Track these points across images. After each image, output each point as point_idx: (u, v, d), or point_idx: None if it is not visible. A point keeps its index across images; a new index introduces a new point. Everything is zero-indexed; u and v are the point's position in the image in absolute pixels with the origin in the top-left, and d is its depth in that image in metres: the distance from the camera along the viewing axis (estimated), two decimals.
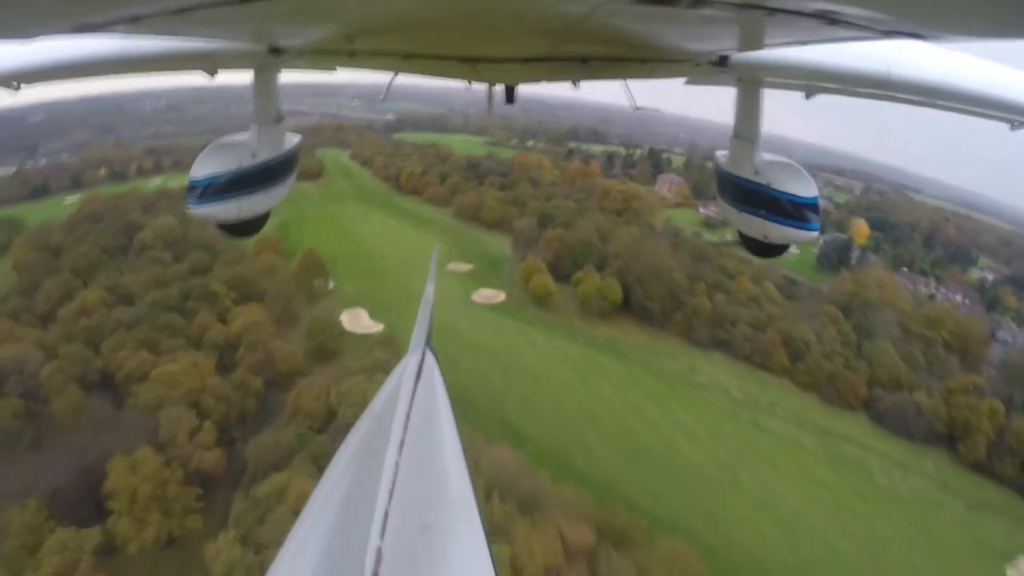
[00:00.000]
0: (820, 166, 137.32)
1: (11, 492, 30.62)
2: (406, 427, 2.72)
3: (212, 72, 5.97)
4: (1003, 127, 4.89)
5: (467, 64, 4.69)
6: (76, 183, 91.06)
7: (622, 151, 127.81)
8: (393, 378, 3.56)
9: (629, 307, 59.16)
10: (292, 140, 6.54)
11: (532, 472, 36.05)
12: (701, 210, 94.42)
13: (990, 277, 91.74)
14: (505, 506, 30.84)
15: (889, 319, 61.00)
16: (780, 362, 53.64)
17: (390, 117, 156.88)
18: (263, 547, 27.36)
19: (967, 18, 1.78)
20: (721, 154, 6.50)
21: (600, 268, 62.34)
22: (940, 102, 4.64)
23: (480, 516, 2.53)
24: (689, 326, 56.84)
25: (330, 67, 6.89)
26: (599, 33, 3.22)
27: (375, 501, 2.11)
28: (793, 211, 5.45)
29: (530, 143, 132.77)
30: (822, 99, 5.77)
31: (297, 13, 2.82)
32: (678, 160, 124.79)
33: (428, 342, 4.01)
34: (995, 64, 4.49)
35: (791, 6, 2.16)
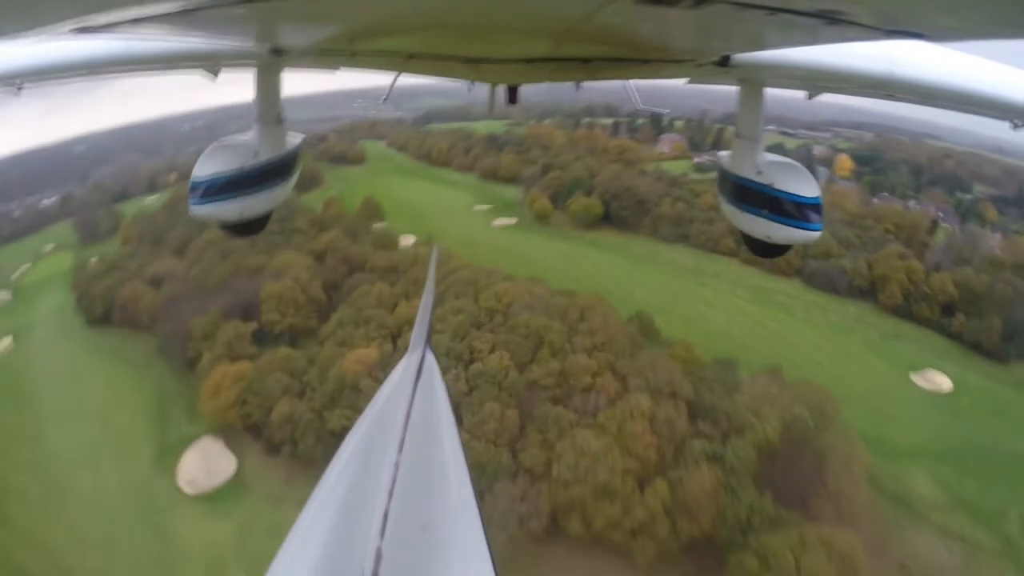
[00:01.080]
0: (836, 122, 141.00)
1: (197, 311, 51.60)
2: (406, 427, 2.81)
3: (214, 73, 6.10)
4: None
5: (469, 64, 4.72)
6: (151, 187, 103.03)
7: (627, 120, 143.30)
8: (393, 378, 3.64)
9: (609, 219, 76.10)
10: (294, 140, 6.60)
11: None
12: (695, 160, 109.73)
13: (976, 198, 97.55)
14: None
15: (833, 216, 69.88)
16: (728, 246, 67.74)
17: (418, 114, 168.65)
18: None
19: (969, 18, 1.81)
20: (723, 154, 6.58)
21: (588, 194, 79.32)
22: (942, 101, 4.74)
23: (480, 516, 2.55)
24: (655, 228, 74.03)
25: (332, 67, 7.00)
26: (601, 33, 3.23)
27: (375, 501, 2.20)
28: (796, 211, 5.48)
29: (547, 121, 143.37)
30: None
31: (299, 13, 2.83)
32: (680, 124, 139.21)
33: (428, 342, 4.05)
34: (997, 64, 4.57)
35: (793, 6, 2.13)
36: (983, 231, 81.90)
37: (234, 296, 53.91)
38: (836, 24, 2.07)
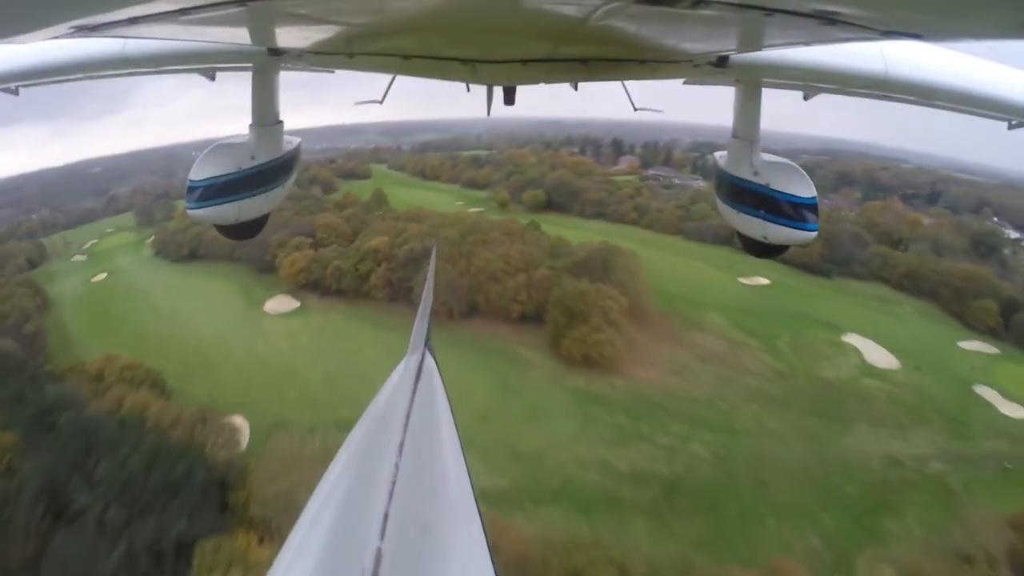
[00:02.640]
0: (806, 150, 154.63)
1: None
2: (406, 428, 2.79)
3: (211, 75, 6.15)
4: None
5: (466, 66, 4.73)
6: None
7: (592, 145, 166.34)
8: (393, 379, 3.62)
9: (551, 205, 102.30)
10: (291, 143, 6.64)
11: None
12: (644, 173, 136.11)
13: (887, 195, 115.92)
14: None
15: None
16: (632, 218, 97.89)
17: (415, 145, 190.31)
18: None
19: (965, 18, 1.85)
20: (720, 155, 6.70)
21: (536, 189, 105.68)
22: (938, 101, 4.80)
23: (480, 516, 2.58)
24: (582, 209, 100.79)
25: (329, 69, 7.08)
26: (599, 34, 3.23)
27: (375, 502, 2.20)
28: (792, 211, 5.56)
29: (526, 147, 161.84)
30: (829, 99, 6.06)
31: (296, 14, 2.89)
32: (639, 149, 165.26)
33: (428, 343, 4.09)
34: (993, 64, 4.67)
35: (790, 6, 2.17)
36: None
37: (295, 229, 79.11)
38: (832, 24, 2.09)
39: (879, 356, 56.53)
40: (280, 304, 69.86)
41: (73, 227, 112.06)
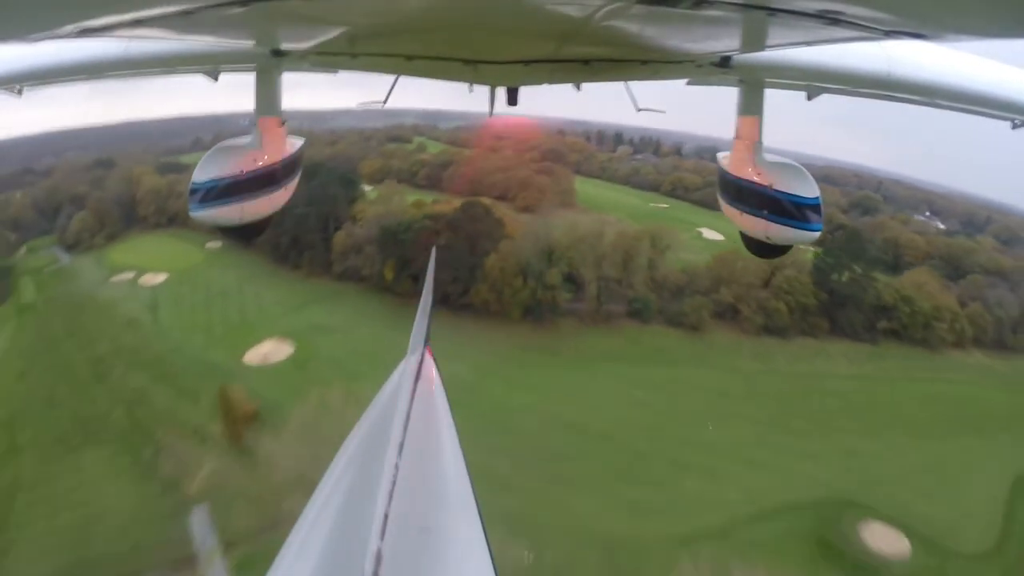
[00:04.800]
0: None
1: None
2: (406, 429, 2.91)
3: (215, 76, 6.27)
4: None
5: (469, 66, 4.83)
6: None
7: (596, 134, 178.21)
8: (393, 379, 3.74)
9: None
10: (295, 144, 6.77)
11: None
12: (633, 157, 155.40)
13: None
14: None
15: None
16: (596, 173, 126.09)
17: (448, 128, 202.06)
18: None
19: (968, 18, 1.88)
20: (723, 155, 6.88)
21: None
22: (941, 101, 4.93)
23: (479, 517, 2.68)
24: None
25: (332, 69, 7.09)
26: (602, 34, 3.29)
27: (375, 502, 2.28)
28: (795, 211, 5.74)
29: None
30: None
31: (299, 16, 2.92)
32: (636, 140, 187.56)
33: (427, 344, 4.22)
34: (996, 63, 4.78)
35: (793, 6, 2.24)
36: None
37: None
38: (836, 24, 2.13)
39: (711, 235, 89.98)
40: None
41: None
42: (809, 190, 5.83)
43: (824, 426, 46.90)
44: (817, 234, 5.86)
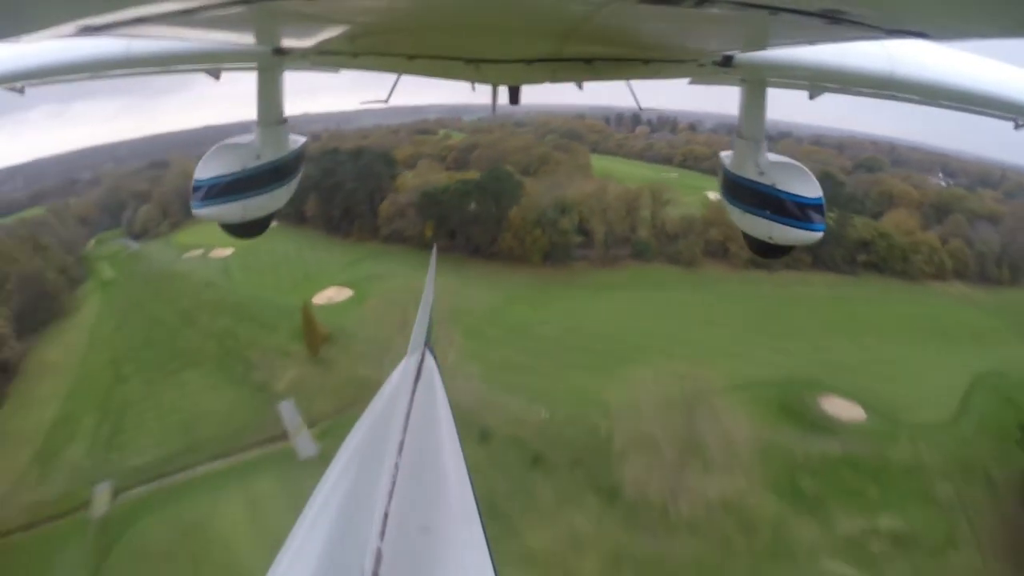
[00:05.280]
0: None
1: None
2: (406, 428, 2.93)
3: (216, 74, 6.33)
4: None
5: (471, 65, 4.88)
6: None
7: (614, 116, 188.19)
8: (393, 379, 3.76)
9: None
10: (296, 142, 6.80)
11: None
12: (650, 136, 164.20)
13: None
14: None
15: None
16: (613, 150, 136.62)
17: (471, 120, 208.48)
18: None
19: (971, 17, 1.87)
20: (725, 155, 6.83)
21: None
22: (944, 101, 4.87)
23: (480, 517, 2.69)
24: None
25: (333, 68, 7.22)
26: (604, 33, 3.33)
27: (375, 502, 2.30)
28: (798, 212, 5.73)
29: None
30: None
31: (301, 14, 2.93)
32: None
33: (428, 343, 4.24)
34: (999, 63, 4.74)
35: (796, 5, 2.18)
36: None
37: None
38: (838, 24, 2.11)
39: (716, 196, 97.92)
40: None
41: None
42: (812, 190, 5.81)
43: (799, 330, 55.49)
44: (820, 234, 5.81)
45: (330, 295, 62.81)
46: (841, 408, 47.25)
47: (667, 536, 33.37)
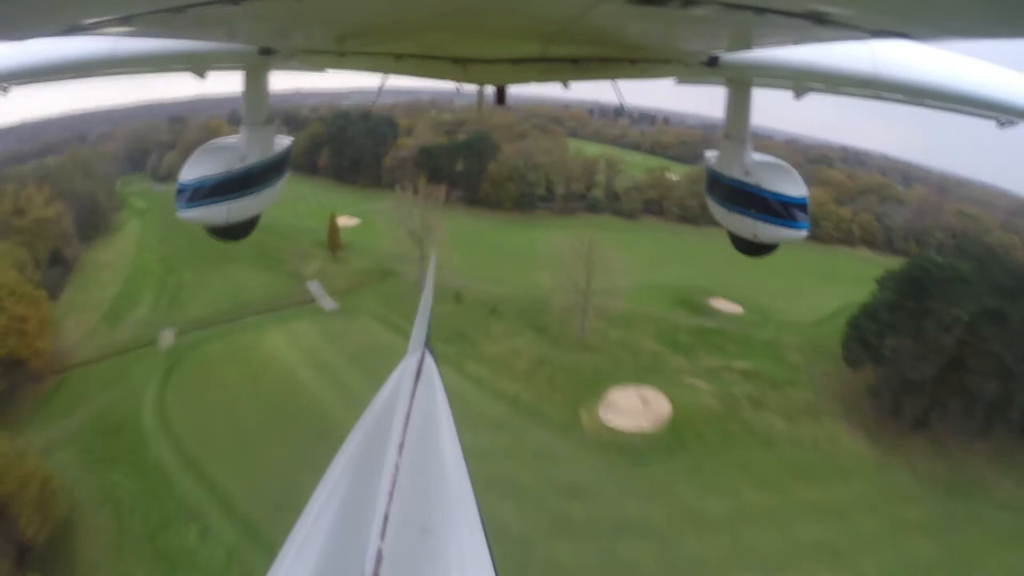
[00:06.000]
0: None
1: None
2: (406, 428, 2.91)
3: (202, 74, 6.18)
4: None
5: (458, 65, 4.97)
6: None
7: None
8: (393, 379, 3.76)
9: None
10: (283, 142, 6.75)
11: None
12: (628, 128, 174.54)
13: None
14: None
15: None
16: (589, 136, 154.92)
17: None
18: None
19: (953, 18, 1.93)
20: (711, 154, 6.85)
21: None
22: (928, 100, 4.97)
23: (480, 517, 2.69)
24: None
25: (320, 68, 7.15)
26: (590, 34, 3.40)
27: (375, 502, 2.27)
28: (783, 211, 5.79)
29: None
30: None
31: (289, 13, 2.93)
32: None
33: (428, 343, 4.21)
34: (982, 63, 4.82)
35: (780, 6, 2.24)
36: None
37: None
38: (822, 24, 2.16)
39: (672, 176, 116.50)
40: None
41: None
42: (797, 189, 5.80)
43: (708, 262, 69.06)
44: (805, 232, 5.81)
45: (342, 222, 78.74)
46: (725, 305, 63.68)
47: (577, 352, 50.05)
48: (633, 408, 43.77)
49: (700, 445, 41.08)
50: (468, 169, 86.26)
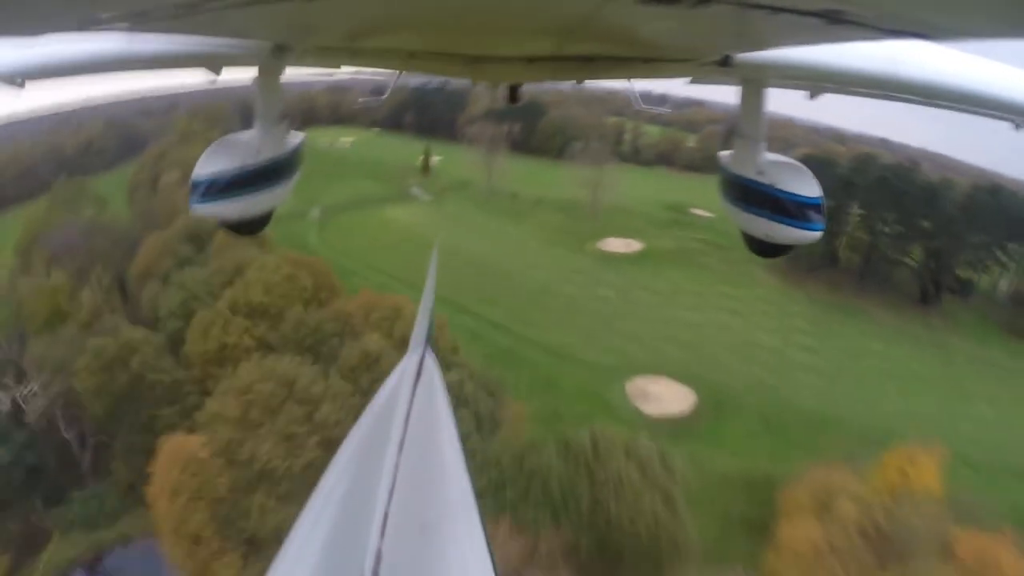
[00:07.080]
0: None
1: None
2: (406, 427, 2.96)
3: (217, 71, 6.34)
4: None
5: (471, 63, 5.01)
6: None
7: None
8: (393, 378, 3.79)
9: None
10: (295, 139, 6.79)
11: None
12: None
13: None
14: None
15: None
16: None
17: None
18: None
19: (972, 18, 1.89)
20: (724, 154, 6.75)
21: None
22: (944, 102, 4.92)
23: (480, 516, 2.74)
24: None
25: (334, 65, 7.26)
26: (604, 32, 3.41)
27: (375, 501, 2.32)
28: (796, 211, 5.70)
29: None
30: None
31: (301, 13, 2.98)
32: None
33: (428, 342, 4.24)
34: (1000, 64, 4.76)
35: (796, 6, 2.21)
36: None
37: None
38: (839, 24, 2.13)
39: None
40: None
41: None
42: (811, 190, 5.66)
43: (691, 190, 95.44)
44: (819, 233, 5.65)
45: (431, 161, 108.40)
46: (701, 212, 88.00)
47: (589, 223, 78.09)
48: (622, 245, 71.39)
49: (663, 260, 68.69)
50: (523, 127, 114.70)
